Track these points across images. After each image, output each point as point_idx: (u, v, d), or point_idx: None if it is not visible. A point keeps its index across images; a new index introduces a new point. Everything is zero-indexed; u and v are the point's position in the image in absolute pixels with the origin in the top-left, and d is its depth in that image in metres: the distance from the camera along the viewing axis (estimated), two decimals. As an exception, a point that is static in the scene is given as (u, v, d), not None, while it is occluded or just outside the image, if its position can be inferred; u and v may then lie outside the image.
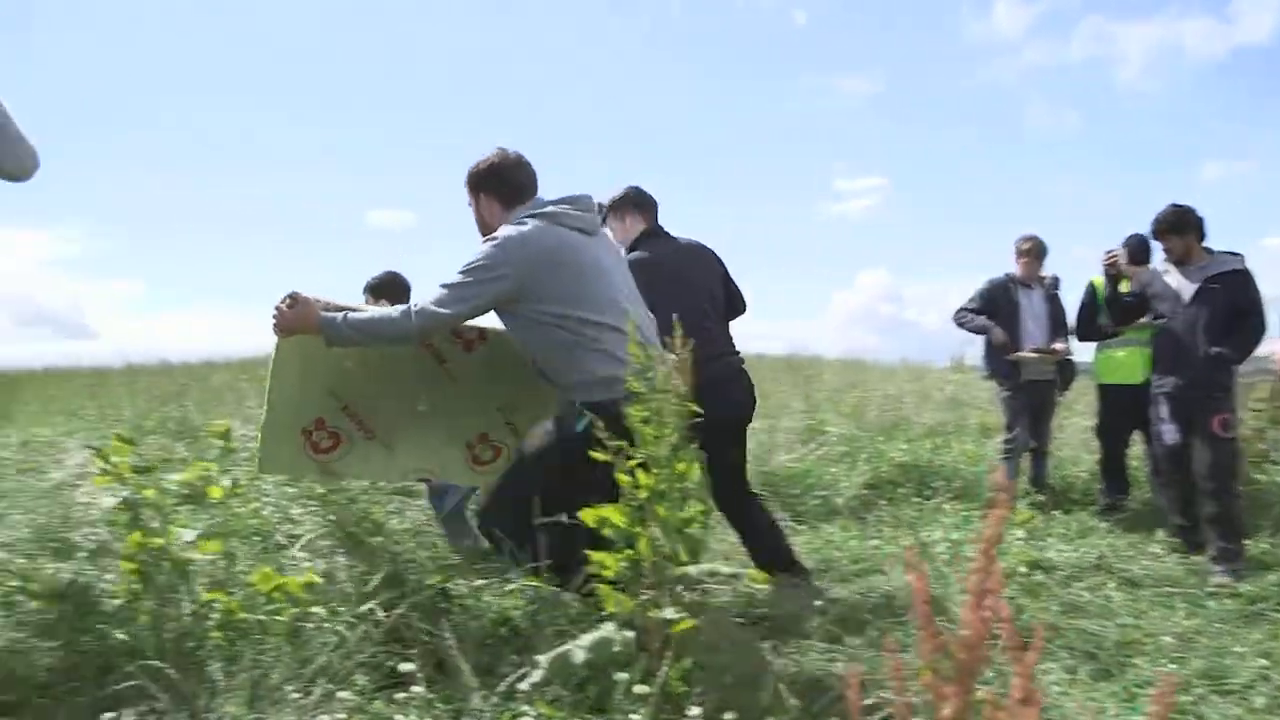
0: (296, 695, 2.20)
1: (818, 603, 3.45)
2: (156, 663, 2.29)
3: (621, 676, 2.08)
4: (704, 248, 4.10)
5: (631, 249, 3.95)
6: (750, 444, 4.16)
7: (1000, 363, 5.95)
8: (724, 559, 3.96)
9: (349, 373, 3.17)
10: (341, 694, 2.17)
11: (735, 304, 4.17)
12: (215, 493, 2.55)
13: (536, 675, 2.12)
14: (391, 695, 2.23)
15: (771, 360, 13.35)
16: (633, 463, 2.22)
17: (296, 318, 2.95)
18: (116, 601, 2.69)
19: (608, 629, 2.20)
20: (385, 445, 3.30)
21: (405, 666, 2.21)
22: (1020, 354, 5.88)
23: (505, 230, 2.97)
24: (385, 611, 2.57)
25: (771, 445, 6.00)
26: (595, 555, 2.21)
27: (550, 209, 3.03)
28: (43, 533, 4.09)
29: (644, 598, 2.22)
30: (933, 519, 5.33)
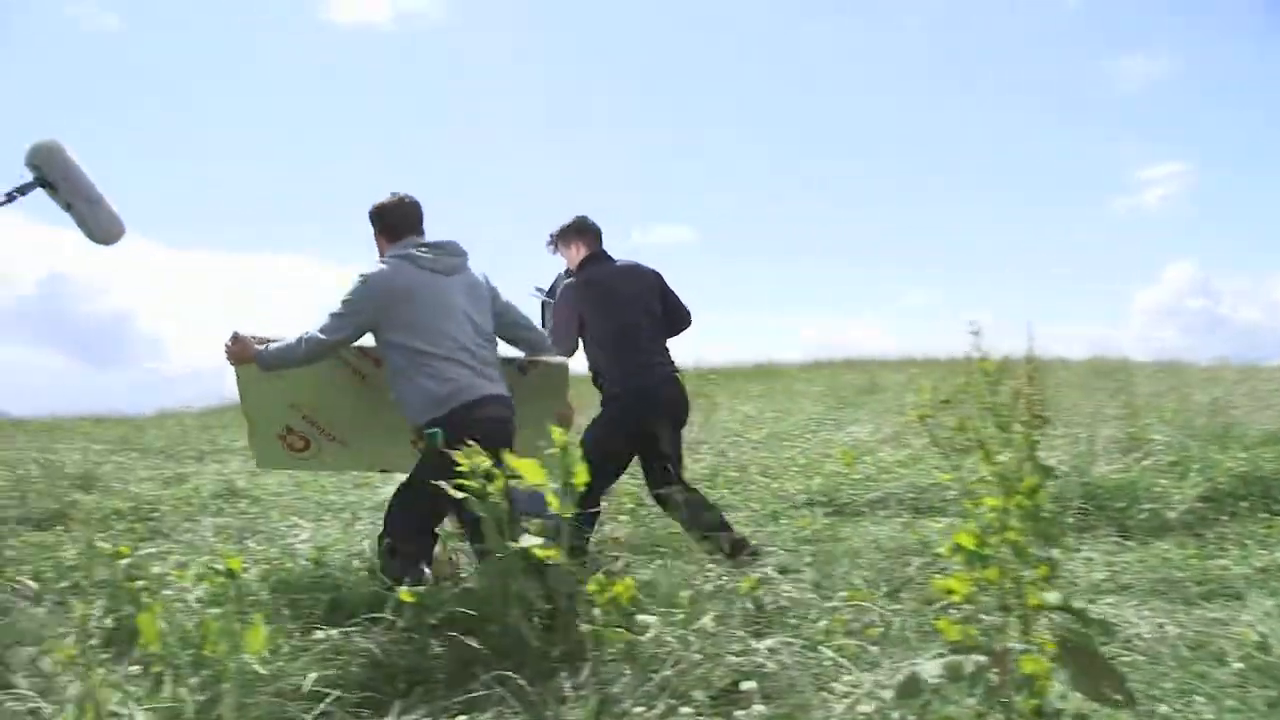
0: (640, 709, 2.24)
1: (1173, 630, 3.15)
2: (507, 670, 2.42)
3: (969, 702, 1.98)
4: (641, 268, 4.50)
5: (578, 271, 4.43)
6: (1067, 453, 3.91)
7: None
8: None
9: (302, 389, 3.85)
10: (684, 709, 2.19)
11: (676, 319, 4.53)
12: (553, 503, 2.67)
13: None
14: (730, 713, 2.23)
15: (1075, 365, 12.52)
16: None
17: (239, 351, 3.59)
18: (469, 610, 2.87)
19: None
20: (343, 444, 4.02)
21: (746, 685, 2.21)
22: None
23: (369, 269, 3.58)
24: (714, 625, 2.59)
25: (1091, 455, 5.57)
26: (943, 581, 2.11)
27: (411, 251, 3.59)
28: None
29: (991, 625, 2.10)
30: (1286, 538, 4.73)
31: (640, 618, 2.54)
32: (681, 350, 4.59)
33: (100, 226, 3.63)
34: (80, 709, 2.48)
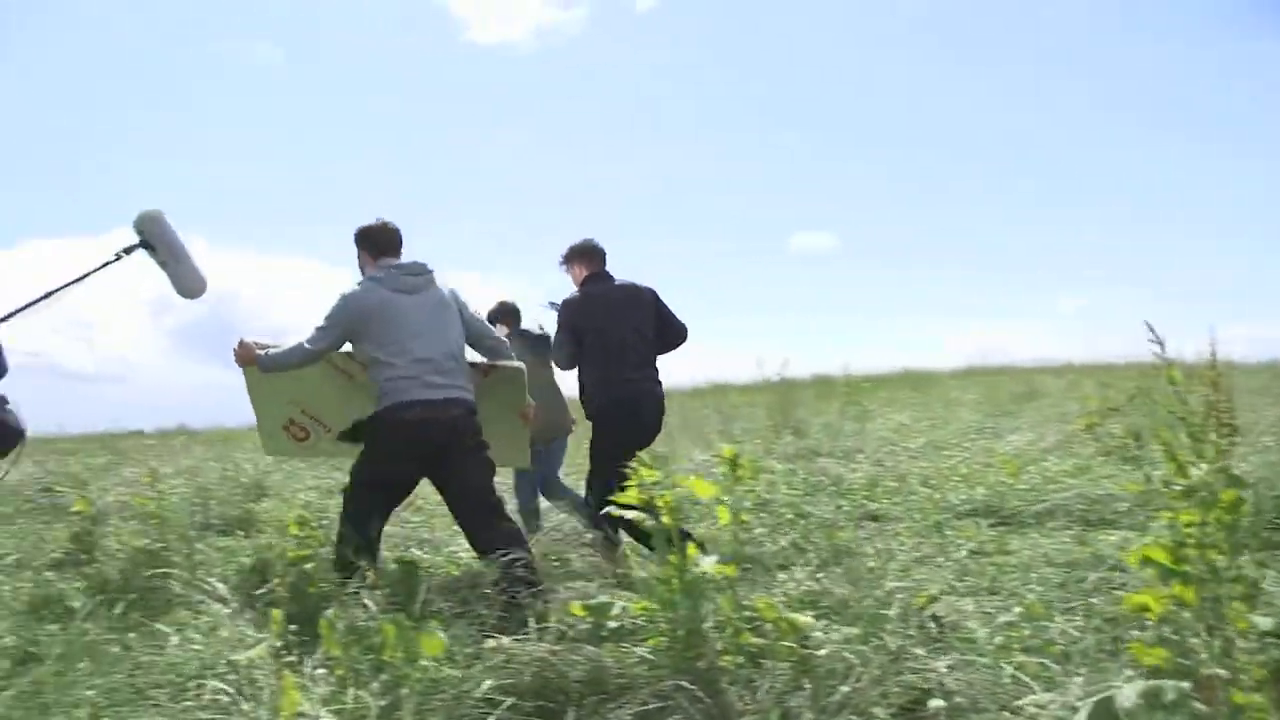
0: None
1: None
2: (684, 682, 2.43)
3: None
4: (637, 288, 4.93)
5: (579, 289, 4.94)
6: (1256, 464, 3.67)
7: None
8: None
9: (300, 387, 4.48)
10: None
11: (669, 336, 4.96)
12: (723, 516, 2.67)
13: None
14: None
15: (1252, 369, 11.74)
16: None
17: (243, 355, 4.24)
18: (637, 620, 2.91)
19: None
20: (335, 433, 4.62)
21: (934, 704, 2.16)
22: None
23: (346, 288, 4.16)
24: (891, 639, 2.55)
25: (1281, 466, 5.21)
26: (1135, 598, 2.02)
27: (382, 274, 4.14)
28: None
29: (1188, 647, 1.99)
30: None
31: (813, 632, 2.52)
32: (827, 359, 4.59)
33: (186, 282, 4.38)
34: (273, 708, 2.64)
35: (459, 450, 4.02)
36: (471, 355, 4.38)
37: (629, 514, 2.83)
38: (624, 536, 4.53)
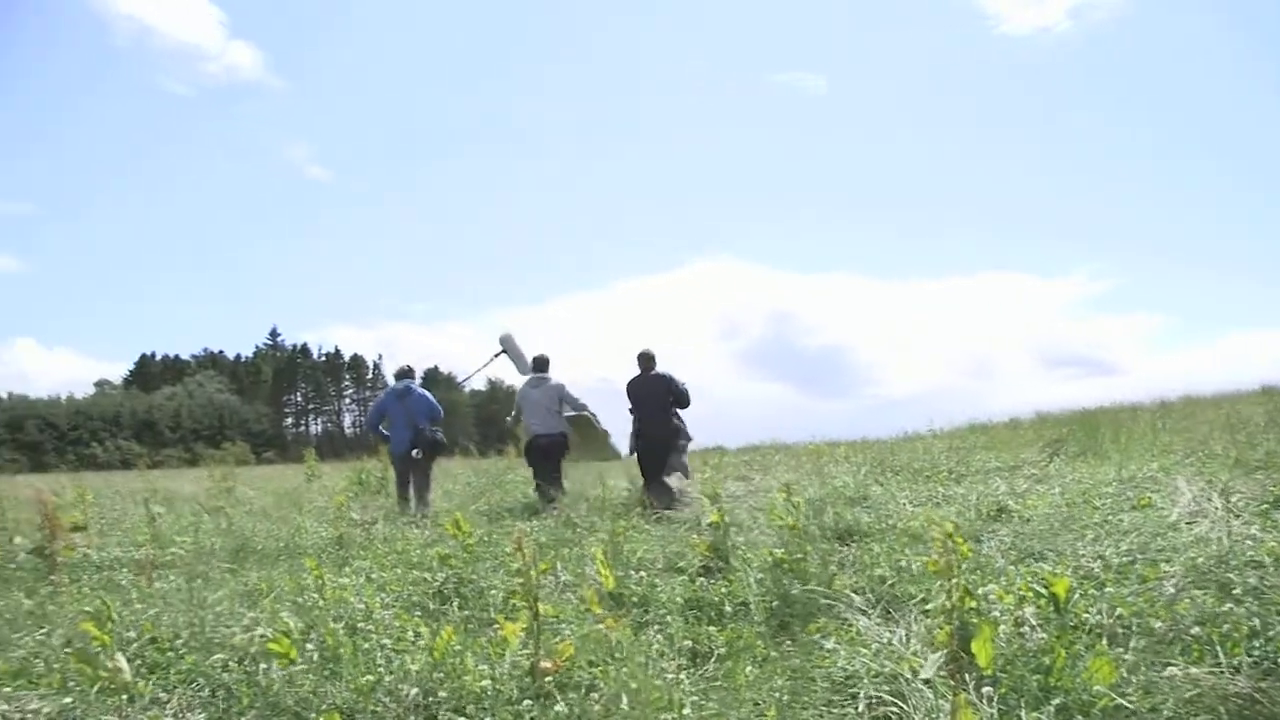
0: None
1: None
2: None
3: None
4: (660, 376, 9.53)
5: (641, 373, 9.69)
6: None
7: None
8: None
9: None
10: None
11: (680, 400, 9.61)
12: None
13: None
14: None
15: None
16: None
17: None
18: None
19: None
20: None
21: None
22: None
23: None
24: None
25: None
26: None
27: (525, 378, 10.26)
28: (1199, 571, 4.08)
29: None
30: None
31: None
32: None
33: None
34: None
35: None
36: None
37: None
38: None
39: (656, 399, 9.47)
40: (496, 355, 10.68)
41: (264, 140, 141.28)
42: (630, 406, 9.64)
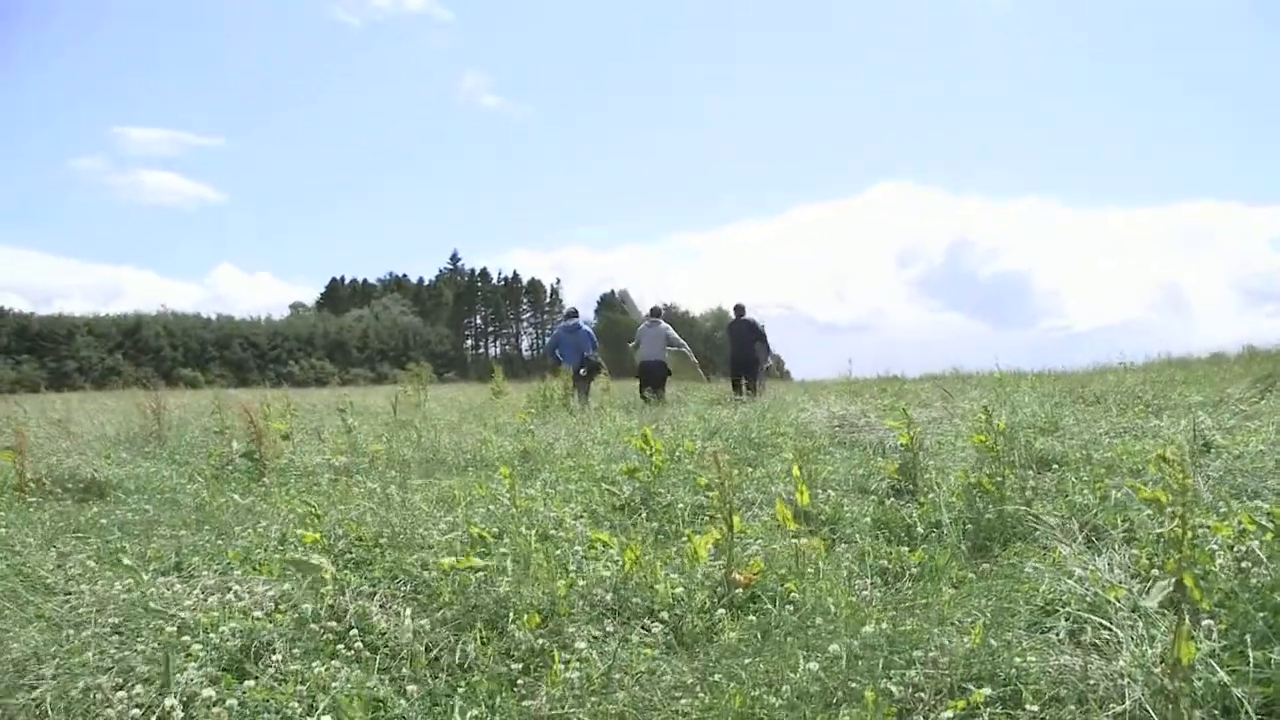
0: None
1: None
2: None
3: None
4: (747, 322, 14.94)
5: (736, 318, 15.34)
6: None
7: None
8: None
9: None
10: None
11: (762, 340, 14.91)
12: None
13: None
14: None
15: None
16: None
17: None
18: None
19: None
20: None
21: None
22: None
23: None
24: None
25: None
26: None
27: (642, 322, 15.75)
28: None
29: None
30: None
31: None
32: None
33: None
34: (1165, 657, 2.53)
35: None
36: None
37: None
38: None
39: (744, 336, 14.64)
40: (624, 306, 16.56)
41: (437, 71, 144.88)
42: (729, 340, 15.28)
